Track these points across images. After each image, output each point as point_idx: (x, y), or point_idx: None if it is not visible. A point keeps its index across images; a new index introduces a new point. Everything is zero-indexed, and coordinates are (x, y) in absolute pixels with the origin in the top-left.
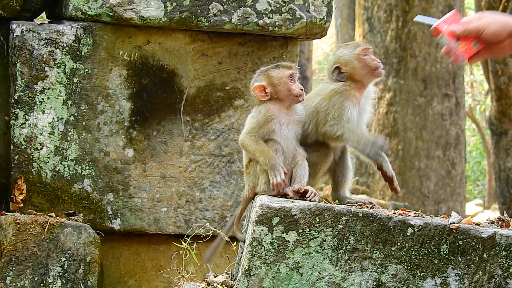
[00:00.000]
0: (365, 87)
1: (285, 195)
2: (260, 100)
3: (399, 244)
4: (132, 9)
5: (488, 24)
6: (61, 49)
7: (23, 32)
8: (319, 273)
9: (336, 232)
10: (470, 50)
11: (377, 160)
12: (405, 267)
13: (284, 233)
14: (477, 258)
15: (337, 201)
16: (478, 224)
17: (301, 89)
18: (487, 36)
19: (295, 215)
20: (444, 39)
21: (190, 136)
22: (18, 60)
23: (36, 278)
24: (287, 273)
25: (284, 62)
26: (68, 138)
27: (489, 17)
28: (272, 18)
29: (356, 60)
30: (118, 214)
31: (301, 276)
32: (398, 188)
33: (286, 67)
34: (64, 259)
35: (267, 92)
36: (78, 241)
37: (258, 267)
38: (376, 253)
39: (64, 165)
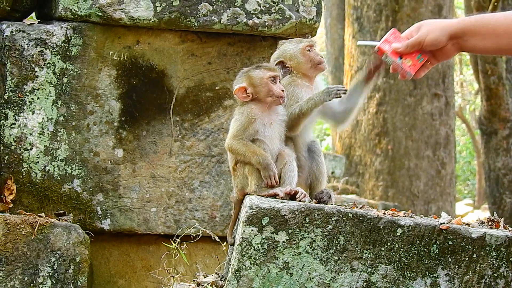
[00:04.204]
0: (312, 80)
1: (275, 196)
2: (242, 101)
3: (389, 244)
4: (121, 9)
5: (427, 33)
6: (50, 49)
7: (12, 32)
8: (309, 273)
9: (326, 233)
10: (415, 64)
11: None
12: (395, 267)
13: (274, 234)
14: (467, 258)
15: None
16: (468, 224)
17: (282, 91)
18: (428, 45)
19: (284, 215)
20: (389, 58)
21: (180, 136)
22: (8, 61)
23: (26, 279)
24: (277, 274)
25: (266, 63)
26: (58, 139)
27: (426, 26)
28: (261, 18)
29: (301, 54)
30: (108, 214)
31: (291, 276)
32: None
33: (268, 69)
34: (54, 259)
35: (248, 93)
36: (68, 241)
37: (248, 268)
38: (366, 253)
39: (54, 165)
